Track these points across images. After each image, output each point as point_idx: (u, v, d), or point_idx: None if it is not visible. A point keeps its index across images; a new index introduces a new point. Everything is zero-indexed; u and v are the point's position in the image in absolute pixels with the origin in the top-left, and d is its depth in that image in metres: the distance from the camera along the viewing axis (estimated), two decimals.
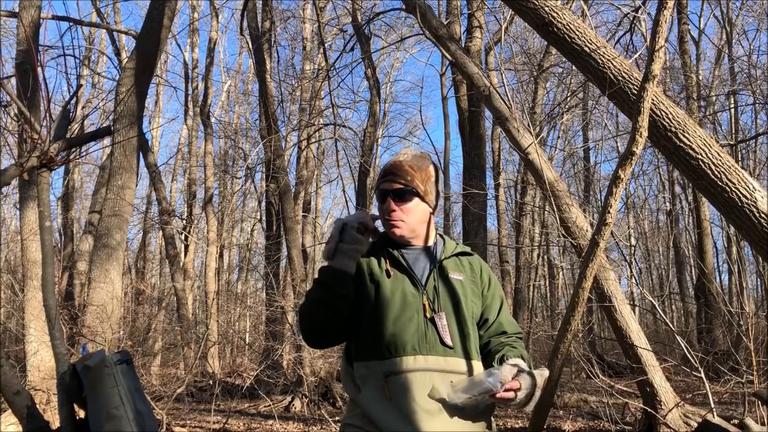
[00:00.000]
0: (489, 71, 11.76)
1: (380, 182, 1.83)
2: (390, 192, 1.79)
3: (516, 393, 1.63)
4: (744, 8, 17.15)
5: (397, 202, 1.79)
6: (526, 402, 1.68)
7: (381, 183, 1.83)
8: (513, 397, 1.63)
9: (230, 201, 19.61)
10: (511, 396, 1.63)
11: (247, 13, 12.46)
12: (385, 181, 1.82)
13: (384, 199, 1.81)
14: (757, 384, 6.26)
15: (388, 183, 1.81)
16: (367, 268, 1.80)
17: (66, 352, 2.14)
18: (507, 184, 20.34)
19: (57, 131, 2.19)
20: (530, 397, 1.68)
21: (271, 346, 9.81)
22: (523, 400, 1.66)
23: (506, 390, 1.62)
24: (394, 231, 1.81)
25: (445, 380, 1.67)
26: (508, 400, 1.64)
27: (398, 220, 1.80)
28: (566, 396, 8.91)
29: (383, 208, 1.81)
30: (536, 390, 1.69)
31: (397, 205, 1.79)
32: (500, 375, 1.63)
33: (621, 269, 17.52)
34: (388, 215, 1.80)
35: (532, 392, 1.68)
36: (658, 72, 3.11)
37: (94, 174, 21.25)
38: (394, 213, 1.79)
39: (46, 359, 6.60)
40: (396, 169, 1.81)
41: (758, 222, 3.86)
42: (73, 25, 11.56)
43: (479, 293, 1.84)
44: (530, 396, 1.68)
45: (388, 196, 1.80)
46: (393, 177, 1.81)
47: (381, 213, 1.83)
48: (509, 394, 1.62)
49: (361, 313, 1.75)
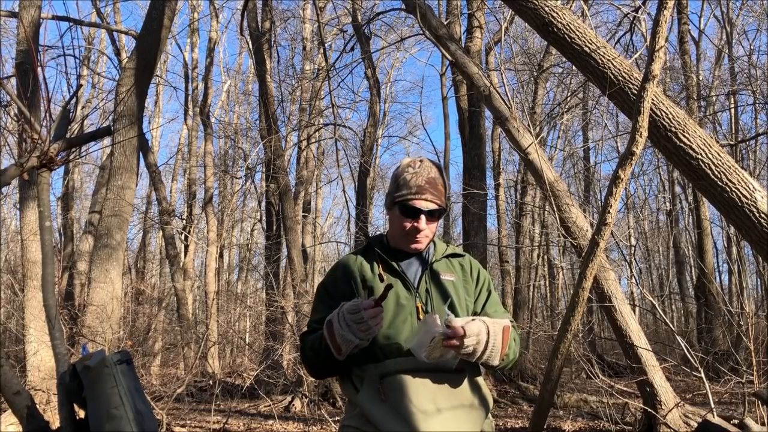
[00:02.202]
0: (489, 71, 11.76)
1: (411, 197, 1.76)
2: (425, 212, 1.76)
3: (462, 340, 1.60)
4: (744, 8, 17.17)
5: (428, 221, 1.78)
6: (481, 350, 1.64)
7: (413, 198, 1.76)
8: (459, 344, 1.60)
9: (230, 201, 19.60)
10: (456, 344, 1.59)
11: (247, 13, 12.45)
12: (419, 198, 1.76)
13: (415, 215, 1.76)
14: (757, 384, 6.26)
15: (423, 201, 1.76)
16: (359, 272, 1.81)
17: (66, 352, 2.14)
18: (507, 184, 20.33)
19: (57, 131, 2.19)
20: (485, 345, 1.64)
21: (271, 346, 9.82)
22: (473, 347, 1.62)
23: (451, 337, 1.58)
24: (416, 247, 1.81)
25: (439, 380, 1.67)
26: (456, 347, 1.60)
27: (424, 237, 1.80)
28: (566, 396, 8.92)
29: (412, 225, 1.76)
30: (490, 337, 1.65)
31: (428, 224, 1.78)
32: (440, 321, 1.60)
33: (621, 269, 17.52)
34: (416, 234, 1.77)
35: (485, 339, 1.64)
36: (658, 72, 3.11)
37: (94, 174, 21.26)
38: (423, 231, 1.78)
39: (46, 359, 6.60)
40: (431, 187, 1.77)
41: (758, 222, 3.86)
42: (73, 25, 11.56)
43: (472, 291, 1.85)
44: (485, 343, 1.64)
45: (422, 215, 1.76)
46: (429, 196, 1.76)
47: (404, 227, 1.78)
48: (453, 342, 1.59)
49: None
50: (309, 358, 1.76)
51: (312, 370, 1.80)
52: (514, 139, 6.83)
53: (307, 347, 1.75)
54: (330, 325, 1.63)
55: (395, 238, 1.84)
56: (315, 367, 1.78)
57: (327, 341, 1.63)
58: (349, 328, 1.57)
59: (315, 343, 1.71)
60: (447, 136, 16.25)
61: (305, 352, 1.77)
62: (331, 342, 1.61)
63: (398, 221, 1.80)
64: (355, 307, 1.58)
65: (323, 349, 1.66)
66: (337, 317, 1.61)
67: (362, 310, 1.57)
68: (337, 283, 1.82)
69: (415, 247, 1.81)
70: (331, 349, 1.63)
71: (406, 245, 1.82)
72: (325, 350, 1.66)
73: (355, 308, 1.58)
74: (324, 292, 1.85)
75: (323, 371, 1.79)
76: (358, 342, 1.59)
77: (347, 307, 1.59)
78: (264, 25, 13.48)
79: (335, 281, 1.84)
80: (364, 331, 1.58)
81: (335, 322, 1.61)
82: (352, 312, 1.58)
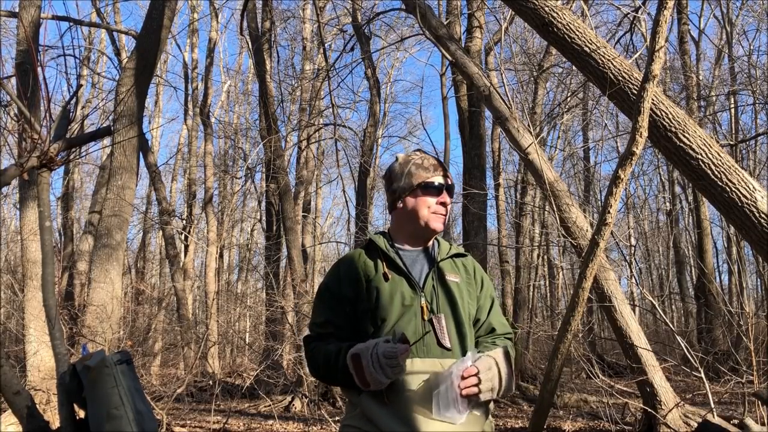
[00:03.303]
0: (489, 71, 11.76)
1: (431, 175, 1.80)
2: (446, 186, 1.81)
3: (478, 379, 1.61)
4: (744, 8, 17.17)
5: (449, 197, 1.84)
6: (498, 385, 1.66)
7: (432, 175, 1.80)
8: (476, 384, 1.61)
9: (230, 201, 19.60)
10: (474, 383, 1.60)
11: (247, 13, 12.46)
12: (437, 174, 1.81)
13: (440, 191, 1.80)
14: (757, 384, 6.26)
15: (443, 177, 1.82)
16: (363, 272, 1.79)
17: (66, 352, 2.14)
18: (507, 184, 20.32)
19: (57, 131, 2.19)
20: (500, 379, 1.67)
21: (271, 346, 9.81)
22: (489, 384, 1.64)
23: (465, 381, 1.60)
24: (437, 226, 1.82)
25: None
26: (475, 394, 1.61)
27: (445, 215, 1.83)
28: (566, 396, 8.92)
29: (437, 200, 1.80)
30: (501, 367, 1.68)
31: (450, 199, 1.84)
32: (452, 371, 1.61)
33: (621, 269, 17.49)
34: (441, 208, 1.81)
35: (497, 372, 1.66)
36: (658, 72, 3.11)
37: (94, 174, 21.26)
38: (447, 207, 1.82)
39: (46, 359, 6.59)
40: (443, 167, 1.84)
41: (758, 222, 3.86)
42: (73, 25, 11.57)
43: (475, 295, 1.84)
44: (499, 377, 1.66)
45: (445, 190, 1.81)
46: (443, 172, 1.82)
47: (426, 206, 1.80)
48: (472, 388, 1.60)
49: (360, 318, 1.74)
50: (321, 371, 1.75)
51: (321, 379, 1.82)
52: (514, 139, 6.83)
53: (320, 360, 1.73)
54: (358, 359, 1.61)
55: (412, 227, 1.84)
56: (326, 380, 1.81)
57: (353, 375, 1.63)
58: (383, 370, 1.58)
59: (331, 362, 1.69)
60: (447, 136, 16.23)
61: (317, 362, 1.75)
62: (359, 378, 1.62)
63: (421, 204, 1.81)
64: (392, 353, 1.57)
65: (344, 375, 1.66)
66: (369, 358, 1.59)
67: (399, 355, 1.58)
68: (341, 285, 1.79)
69: (435, 227, 1.82)
70: (356, 382, 1.63)
71: (433, 226, 1.82)
72: (345, 377, 1.65)
73: (392, 354, 1.57)
74: (327, 293, 1.82)
75: (333, 384, 1.82)
76: (388, 381, 1.61)
77: (383, 352, 1.58)
78: (264, 25, 13.48)
79: (339, 282, 1.80)
80: (398, 373, 1.61)
81: (367, 362, 1.59)
82: (388, 357, 1.57)
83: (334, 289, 1.80)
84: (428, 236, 1.84)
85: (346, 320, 1.76)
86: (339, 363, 1.67)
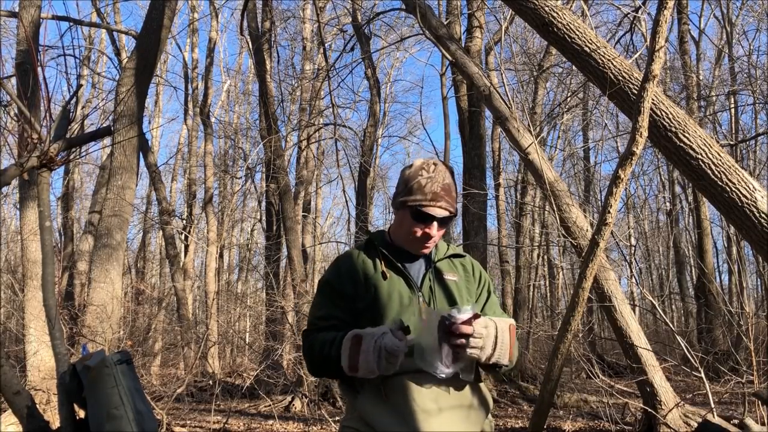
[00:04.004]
0: (489, 71, 11.76)
1: (426, 203, 1.74)
2: (438, 219, 1.75)
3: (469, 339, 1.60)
4: (744, 8, 17.16)
5: (440, 228, 1.78)
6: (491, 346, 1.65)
7: (428, 205, 1.74)
8: (464, 342, 1.60)
9: (230, 201, 19.60)
10: (464, 332, 1.59)
11: (247, 13, 12.45)
12: (434, 205, 1.74)
13: (428, 222, 1.75)
14: (757, 384, 6.26)
15: (437, 209, 1.74)
16: (362, 270, 1.79)
17: (66, 352, 2.14)
18: (507, 184, 20.31)
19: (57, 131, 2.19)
20: (495, 343, 1.66)
21: (271, 346, 9.81)
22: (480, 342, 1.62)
23: (456, 327, 1.58)
24: (424, 252, 1.81)
25: (440, 381, 1.66)
26: (461, 347, 1.60)
27: (433, 242, 1.80)
28: (566, 396, 8.92)
29: (423, 231, 1.76)
30: (498, 332, 1.67)
31: (439, 230, 1.78)
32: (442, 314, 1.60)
33: (621, 269, 17.49)
34: (427, 239, 1.77)
35: (494, 333, 1.65)
36: (658, 72, 3.11)
37: (94, 174, 21.25)
38: (434, 237, 1.77)
39: (46, 359, 6.59)
40: (446, 194, 1.76)
41: (758, 222, 3.86)
42: (73, 25, 11.56)
43: (474, 292, 1.85)
44: (494, 341, 1.65)
45: (435, 222, 1.75)
46: (444, 203, 1.75)
47: (414, 232, 1.77)
48: (460, 339, 1.59)
49: (358, 316, 1.74)
50: (315, 359, 1.73)
51: (314, 369, 1.78)
52: (514, 139, 6.83)
53: (316, 347, 1.71)
54: (358, 340, 1.60)
55: (401, 238, 1.83)
56: (320, 368, 1.76)
57: (345, 354, 1.60)
58: (378, 362, 1.57)
59: (326, 347, 1.67)
60: (447, 136, 16.23)
61: (313, 350, 1.73)
62: (350, 359, 1.59)
63: (409, 225, 1.78)
64: (396, 351, 1.56)
65: (337, 358, 1.63)
66: (372, 344, 1.57)
67: (401, 353, 1.57)
68: (342, 281, 1.80)
69: (423, 252, 1.81)
70: (344, 362, 1.60)
71: (414, 249, 1.81)
72: (336, 359, 1.63)
73: (395, 351, 1.56)
74: (328, 288, 1.81)
75: (326, 374, 1.77)
76: (378, 374, 1.59)
77: (389, 346, 1.56)
78: (264, 25, 13.48)
79: (339, 278, 1.81)
80: (390, 370, 1.60)
81: (367, 347, 1.58)
82: (390, 353, 1.56)
83: (335, 284, 1.80)
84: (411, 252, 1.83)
85: (346, 315, 1.75)
86: (335, 345, 1.65)
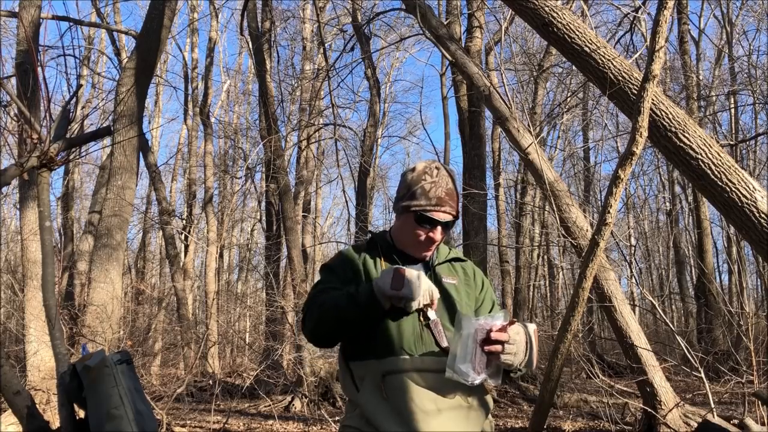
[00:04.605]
0: (489, 71, 11.76)
1: (431, 209, 1.74)
2: (441, 223, 1.76)
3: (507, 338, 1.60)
4: (744, 8, 17.17)
5: (442, 232, 1.79)
6: (523, 356, 1.64)
7: (432, 210, 1.74)
8: (500, 349, 1.59)
9: (230, 201, 19.59)
10: (501, 339, 1.58)
11: (247, 13, 12.45)
12: (438, 210, 1.75)
13: (432, 226, 1.76)
14: (757, 384, 6.26)
15: (442, 214, 1.75)
16: (363, 268, 1.80)
17: (66, 352, 2.14)
18: (507, 184, 20.33)
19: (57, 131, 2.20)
20: (526, 349, 1.65)
21: (271, 346, 9.81)
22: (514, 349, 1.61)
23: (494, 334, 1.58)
24: (426, 255, 1.81)
25: (440, 380, 1.65)
26: (497, 353, 1.59)
27: (435, 245, 1.80)
28: (566, 396, 8.91)
29: (427, 235, 1.76)
30: (530, 338, 1.67)
31: (441, 234, 1.79)
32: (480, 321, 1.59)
33: (621, 269, 17.51)
34: (430, 243, 1.78)
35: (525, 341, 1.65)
36: (658, 72, 3.11)
37: (94, 174, 21.24)
38: (435, 242, 1.78)
39: (46, 359, 6.60)
40: (450, 199, 1.77)
41: (758, 222, 3.86)
42: (73, 25, 11.55)
43: (473, 296, 1.85)
44: (525, 347, 1.65)
45: (439, 226, 1.76)
46: (447, 208, 1.76)
47: (418, 235, 1.77)
48: (496, 345, 1.59)
49: None
50: (332, 312, 1.67)
51: (322, 321, 1.70)
52: (514, 139, 6.83)
53: (331, 299, 1.68)
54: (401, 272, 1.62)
55: (403, 241, 1.83)
56: (332, 320, 1.69)
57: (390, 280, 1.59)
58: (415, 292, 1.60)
59: (345, 297, 1.66)
60: (447, 136, 16.25)
61: (327, 302, 1.68)
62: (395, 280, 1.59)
63: (411, 229, 1.78)
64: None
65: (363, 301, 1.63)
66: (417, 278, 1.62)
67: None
68: (345, 269, 1.81)
69: (424, 255, 1.81)
70: (389, 286, 1.59)
71: (416, 252, 1.81)
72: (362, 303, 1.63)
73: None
74: (331, 271, 1.82)
75: (335, 325, 1.69)
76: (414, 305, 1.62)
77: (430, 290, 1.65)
78: (264, 25, 13.47)
79: (343, 266, 1.82)
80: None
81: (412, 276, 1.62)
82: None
83: (338, 270, 1.82)
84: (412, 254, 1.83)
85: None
86: (360, 288, 1.65)
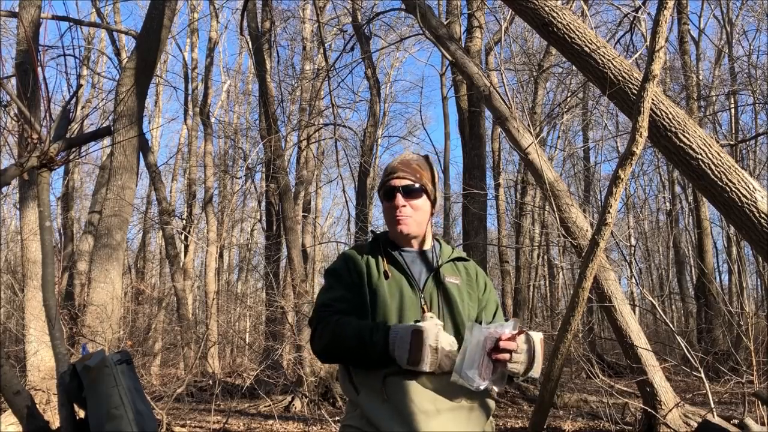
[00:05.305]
0: (489, 71, 11.76)
1: (387, 179, 1.81)
2: (399, 188, 1.78)
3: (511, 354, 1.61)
4: (744, 8, 17.17)
5: (406, 198, 1.78)
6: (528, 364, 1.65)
7: (388, 180, 1.80)
8: (508, 358, 1.60)
9: (230, 201, 19.59)
10: (510, 347, 1.60)
11: (247, 13, 12.45)
12: (392, 177, 1.80)
13: (392, 195, 1.79)
14: (757, 384, 6.26)
15: (396, 179, 1.79)
16: (365, 268, 1.80)
17: (66, 352, 2.14)
18: (507, 184, 20.33)
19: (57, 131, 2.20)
20: (531, 358, 1.66)
21: (271, 346, 9.81)
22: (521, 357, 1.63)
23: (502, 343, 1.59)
24: (401, 228, 1.79)
25: (441, 381, 1.65)
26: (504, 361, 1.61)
27: (406, 216, 1.79)
28: (566, 396, 8.91)
29: (391, 204, 1.79)
30: (536, 348, 1.67)
31: (406, 201, 1.78)
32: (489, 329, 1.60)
33: (621, 269, 17.52)
34: (396, 212, 1.78)
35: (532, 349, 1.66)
36: (658, 72, 3.11)
37: (94, 174, 21.24)
38: (404, 209, 1.78)
39: (46, 359, 6.60)
40: (404, 166, 1.81)
41: (758, 222, 3.85)
42: (73, 25, 11.54)
43: (476, 297, 1.84)
44: (531, 356, 1.66)
45: (397, 192, 1.78)
46: (402, 173, 1.79)
47: (388, 211, 1.80)
48: (504, 354, 1.60)
49: (360, 314, 1.74)
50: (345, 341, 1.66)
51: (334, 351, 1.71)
52: (514, 139, 6.83)
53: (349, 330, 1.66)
54: (420, 335, 1.59)
55: (390, 230, 1.86)
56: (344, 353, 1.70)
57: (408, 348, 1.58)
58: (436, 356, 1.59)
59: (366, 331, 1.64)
60: (447, 136, 16.27)
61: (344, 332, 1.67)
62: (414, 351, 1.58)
63: (385, 210, 1.83)
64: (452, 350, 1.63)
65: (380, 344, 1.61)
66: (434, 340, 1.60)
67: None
68: (349, 271, 1.82)
69: (400, 229, 1.79)
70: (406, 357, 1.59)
71: (393, 231, 1.82)
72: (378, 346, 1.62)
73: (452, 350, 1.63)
74: (336, 275, 1.83)
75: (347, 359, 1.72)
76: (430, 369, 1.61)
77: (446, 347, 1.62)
78: (264, 25, 13.48)
79: (347, 268, 1.83)
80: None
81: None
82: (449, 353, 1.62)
83: (343, 273, 1.82)
84: (403, 239, 1.83)
85: (356, 298, 1.76)
86: (375, 336, 1.63)
